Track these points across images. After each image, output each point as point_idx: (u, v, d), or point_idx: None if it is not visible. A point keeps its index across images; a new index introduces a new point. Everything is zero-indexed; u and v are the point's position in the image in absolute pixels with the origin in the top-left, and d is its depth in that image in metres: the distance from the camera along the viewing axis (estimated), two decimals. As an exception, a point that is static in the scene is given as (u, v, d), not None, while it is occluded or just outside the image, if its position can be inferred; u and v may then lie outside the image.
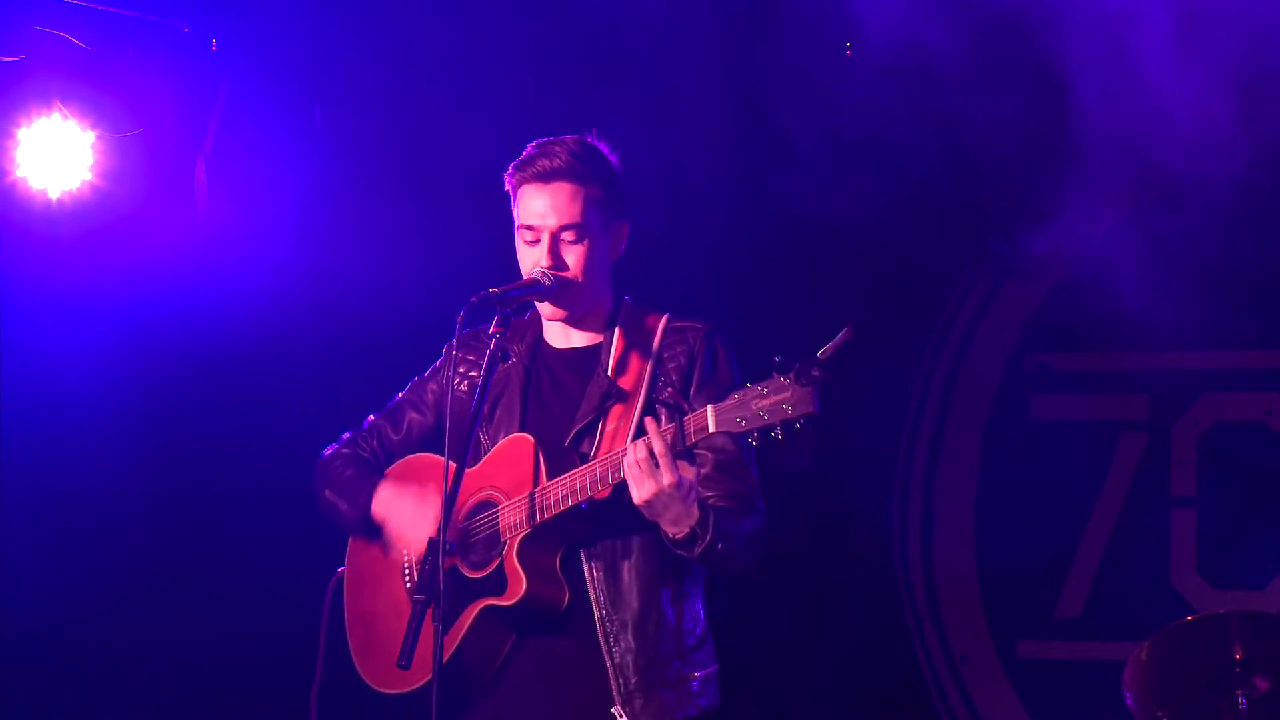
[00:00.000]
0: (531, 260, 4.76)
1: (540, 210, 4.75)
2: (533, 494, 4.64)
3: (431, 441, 4.96)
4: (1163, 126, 6.52)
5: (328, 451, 5.06)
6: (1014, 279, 7.13)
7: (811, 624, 6.98)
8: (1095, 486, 7.04)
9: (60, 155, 6.59)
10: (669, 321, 4.80)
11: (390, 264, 6.83)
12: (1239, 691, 5.81)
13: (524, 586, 4.61)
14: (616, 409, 4.70)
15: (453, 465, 4.54)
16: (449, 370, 4.82)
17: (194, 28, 6.74)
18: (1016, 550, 6.98)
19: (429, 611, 4.47)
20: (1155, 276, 6.86)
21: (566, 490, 4.60)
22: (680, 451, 4.49)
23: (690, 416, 4.48)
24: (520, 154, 4.81)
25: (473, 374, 4.85)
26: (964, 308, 7.17)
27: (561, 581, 4.65)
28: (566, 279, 4.74)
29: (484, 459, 4.79)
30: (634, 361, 4.75)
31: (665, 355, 4.75)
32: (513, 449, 4.75)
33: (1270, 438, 6.94)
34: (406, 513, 4.83)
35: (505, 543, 4.66)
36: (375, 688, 4.88)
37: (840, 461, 6.93)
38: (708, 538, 4.50)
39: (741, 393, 4.39)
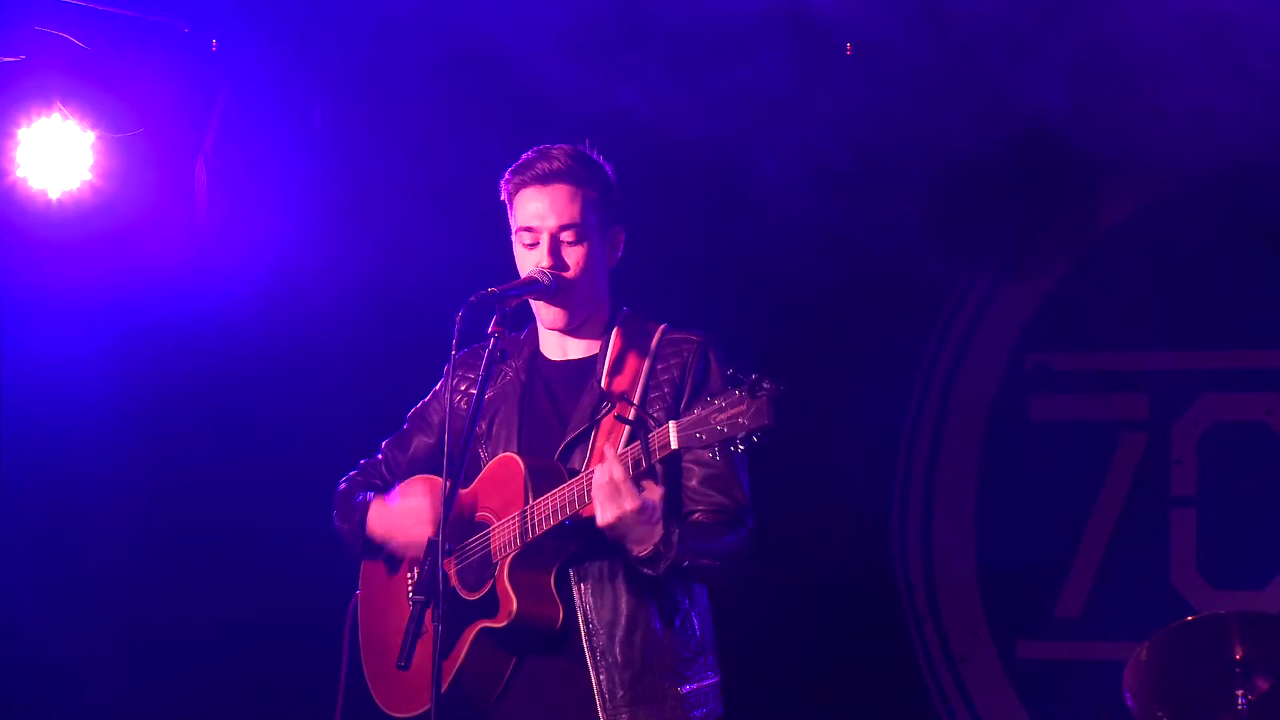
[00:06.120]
0: (531, 262, 4.75)
1: (540, 211, 4.75)
2: (521, 514, 4.62)
3: (438, 462, 4.89)
4: (1163, 126, 6.54)
5: (343, 483, 5.05)
6: (1014, 279, 7.13)
7: (812, 624, 6.97)
8: (1095, 487, 7.03)
9: (60, 155, 6.60)
10: (665, 332, 4.78)
11: (391, 264, 6.83)
12: (1239, 691, 5.81)
13: (514, 607, 4.59)
14: (609, 420, 4.67)
15: (450, 482, 4.52)
16: (447, 388, 4.78)
17: (194, 28, 6.74)
18: (1016, 550, 6.98)
19: (428, 612, 4.46)
20: (1155, 276, 6.87)
21: (548, 510, 4.57)
22: (644, 472, 4.47)
23: (654, 434, 4.46)
24: (517, 160, 4.81)
25: (471, 391, 4.82)
26: (964, 308, 7.16)
27: (555, 600, 4.63)
28: (566, 279, 4.73)
29: (476, 480, 4.78)
30: (628, 372, 4.73)
31: (659, 366, 4.73)
32: (501, 469, 4.73)
33: (1270, 438, 6.93)
34: (405, 524, 4.81)
35: (497, 564, 4.65)
36: (388, 712, 4.86)
37: (840, 461, 6.93)
38: (671, 555, 4.49)
39: (701, 408, 4.37)
